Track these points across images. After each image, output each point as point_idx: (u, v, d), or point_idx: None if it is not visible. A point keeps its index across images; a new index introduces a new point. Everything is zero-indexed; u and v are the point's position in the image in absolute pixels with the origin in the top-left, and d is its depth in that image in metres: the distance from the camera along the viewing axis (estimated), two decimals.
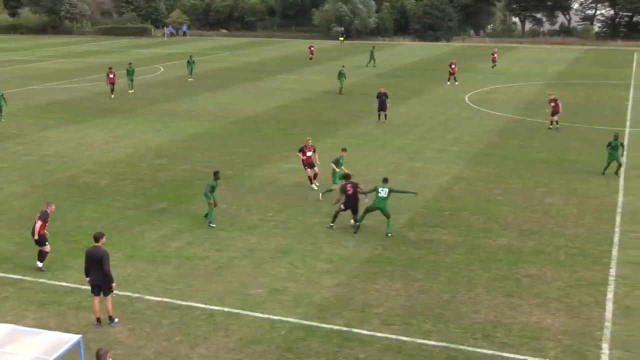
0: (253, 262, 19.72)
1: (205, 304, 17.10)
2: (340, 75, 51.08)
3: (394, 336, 15.58)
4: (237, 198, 25.70)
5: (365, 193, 22.46)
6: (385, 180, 22.40)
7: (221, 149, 33.37)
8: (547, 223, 23.10)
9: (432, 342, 15.32)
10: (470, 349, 15.06)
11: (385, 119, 39.77)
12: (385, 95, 39.80)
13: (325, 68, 67.87)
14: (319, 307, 17.00)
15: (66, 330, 14.58)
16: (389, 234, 21.82)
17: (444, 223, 23.10)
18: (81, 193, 26.38)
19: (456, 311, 16.81)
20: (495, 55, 68.90)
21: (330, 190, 25.30)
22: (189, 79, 59.02)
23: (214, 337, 15.54)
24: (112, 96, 48.43)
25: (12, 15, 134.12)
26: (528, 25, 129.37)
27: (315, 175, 27.07)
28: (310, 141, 27.21)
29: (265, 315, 16.53)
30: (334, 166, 25.96)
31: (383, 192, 21.94)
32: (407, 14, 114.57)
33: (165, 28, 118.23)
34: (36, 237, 18.83)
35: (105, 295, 15.88)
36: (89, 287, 16.14)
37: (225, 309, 16.81)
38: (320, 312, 16.74)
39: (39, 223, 18.79)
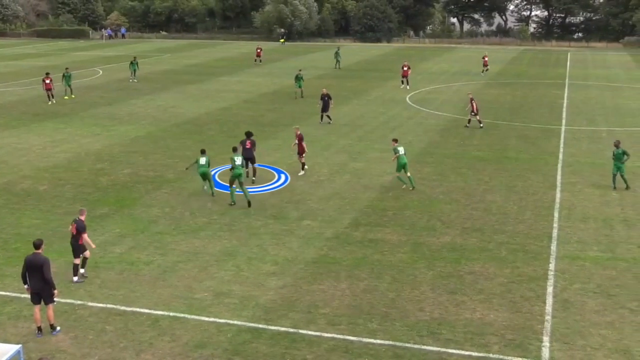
0: (198, 266, 19.56)
1: (150, 309, 16.88)
2: (298, 79, 50.27)
3: (340, 336, 15.65)
4: (181, 202, 25.44)
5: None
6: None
7: (163, 152, 32.98)
8: (488, 220, 23.54)
9: (378, 341, 15.44)
10: (416, 346, 15.24)
11: (330, 119, 39.93)
12: (328, 96, 39.96)
13: (267, 70, 67.77)
14: (265, 309, 16.96)
15: (5, 340, 14.23)
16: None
17: (388, 222, 23.31)
18: (19, 199, 25.73)
19: (402, 309, 16.98)
20: (486, 59, 66.13)
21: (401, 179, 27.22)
22: (132, 81, 58.44)
23: (159, 342, 15.35)
24: (50, 102, 46.97)
25: None
26: (466, 26, 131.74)
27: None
28: (298, 130, 29.54)
29: (212, 319, 16.41)
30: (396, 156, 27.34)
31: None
32: (348, 15, 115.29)
33: (103, 30, 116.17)
34: (93, 246, 18.52)
35: (47, 303, 15.52)
36: (28, 296, 15.76)
37: (171, 314, 16.63)
38: (266, 314, 16.70)
39: (85, 235, 18.24)
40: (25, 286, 15.55)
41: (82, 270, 18.70)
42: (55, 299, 15.69)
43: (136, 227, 22.68)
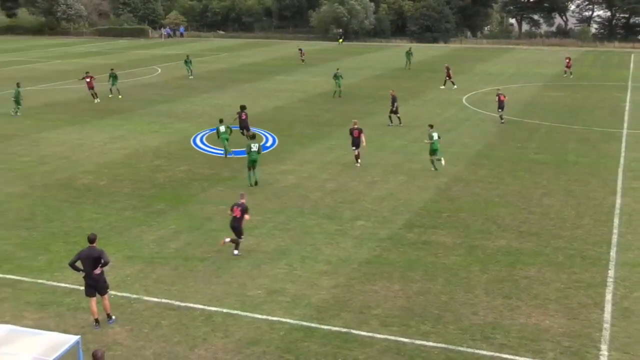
0: (252, 263, 19.71)
1: (204, 305, 17.09)
2: (336, 77, 50.51)
3: (392, 337, 15.58)
4: (236, 199, 25.57)
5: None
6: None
7: (220, 150, 33.32)
8: (545, 224, 23.12)
9: (430, 344, 15.32)
10: (469, 350, 15.07)
11: (400, 121, 39.31)
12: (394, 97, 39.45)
13: (323, 69, 67.90)
14: (317, 308, 16.99)
15: (65, 331, 14.57)
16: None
17: (442, 224, 23.11)
18: (80, 194, 26.36)
19: (455, 312, 16.81)
20: (569, 61, 64.25)
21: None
22: (190, 77, 59.83)
23: (212, 338, 15.52)
24: (96, 101, 47.33)
25: (9, 16, 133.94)
26: (525, 27, 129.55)
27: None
28: (356, 123, 30.36)
29: (264, 317, 16.52)
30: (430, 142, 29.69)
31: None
32: (405, 16, 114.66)
33: (162, 29, 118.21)
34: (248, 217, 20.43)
35: (102, 294, 15.91)
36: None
37: (224, 310, 16.80)
38: (318, 313, 16.73)
39: (247, 215, 20.26)
40: (81, 272, 15.88)
41: (236, 252, 20.29)
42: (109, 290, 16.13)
43: (191, 224, 22.98)
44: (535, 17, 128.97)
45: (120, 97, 49.78)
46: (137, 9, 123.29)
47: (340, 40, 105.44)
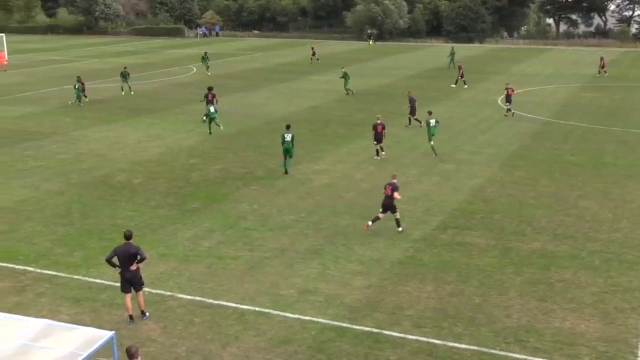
0: (284, 263, 19.76)
1: (237, 303, 17.18)
2: (344, 76, 51.21)
3: (425, 339, 15.50)
4: (269, 199, 25.77)
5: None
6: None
7: (254, 149, 33.50)
8: (581, 227, 22.80)
9: (463, 346, 15.21)
10: (502, 353, 14.92)
11: (420, 122, 39.27)
12: (414, 99, 39.27)
13: (357, 70, 67.79)
14: (350, 308, 16.98)
15: (100, 326, 14.74)
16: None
17: (476, 226, 22.93)
18: (115, 192, 26.68)
19: (488, 315, 16.67)
20: (603, 60, 64.48)
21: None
22: (208, 73, 61.64)
23: (245, 336, 15.60)
24: (86, 100, 46.58)
25: (50, 16, 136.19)
26: (563, 27, 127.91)
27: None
28: (379, 118, 31.67)
29: (296, 316, 16.55)
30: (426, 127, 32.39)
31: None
32: (440, 15, 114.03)
33: (198, 29, 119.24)
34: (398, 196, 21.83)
35: (137, 290, 16.09)
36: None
37: (257, 309, 16.87)
38: (351, 313, 16.71)
39: (396, 194, 21.82)
40: (117, 268, 16.08)
41: (400, 229, 22.00)
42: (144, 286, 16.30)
43: (225, 223, 23.12)
44: (574, 17, 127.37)
45: (132, 93, 50.32)
46: (173, 9, 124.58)
47: (372, 41, 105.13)
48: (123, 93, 50.47)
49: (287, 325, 16.08)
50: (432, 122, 31.85)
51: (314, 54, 76.32)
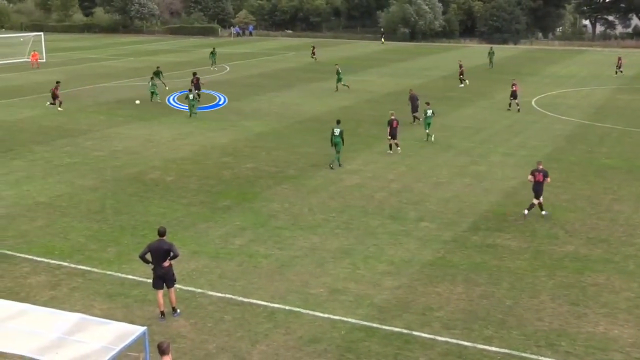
0: (315, 262, 19.81)
1: (267, 301, 17.26)
2: (337, 73, 53.04)
3: (454, 340, 15.43)
4: (300, 198, 25.84)
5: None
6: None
7: (285, 149, 33.62)
8: (615, 231, 22.51)
9: (493, 348, 15.11)
10: (533, 356, 14.80)
11: (417, 119, 39.30)
12: (415, 97, 39.98)
13: (391, 70, 67.69)
14: (379, 308, 16.97)
15: (132, 321, 14.91)
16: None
17: (508, 228, 22.75)
18: (148, 189, 26.97)
19: (519, 318, 16.53)
20: (621, 60, 64.74)
21: None
22: (214, 69, 64.59)
23: (274, 334, 15.67)
24: (59, 109, 43.89)
25: (87, 15, 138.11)
26: (599, 28, 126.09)
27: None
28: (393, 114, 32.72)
29: (326, 315, 16.58)
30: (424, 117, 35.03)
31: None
32: (474, 16, 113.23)
33: (231, 28, 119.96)
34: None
35: (169, 287, 16.25)
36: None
37: (287, 307, 16.94)
38: (380, 313, 16.70)
39: (548, 179, 23.27)
40: (150, 265, 16.26)
41: (544, 212, 23.40)
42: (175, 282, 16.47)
43: (256, 221, 23.24)
44: (610, 18, 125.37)
45: (167, 88, 50.92)
46: (207, 8, 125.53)
47: (383, 40, 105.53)
48: (167, 88, 50.93)
49: (317, 325, 16.12)
50: (429, 112, 34.83)
51: (313, 53, 77.09)
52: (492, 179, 28.45)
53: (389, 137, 32.55)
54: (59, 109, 43.62)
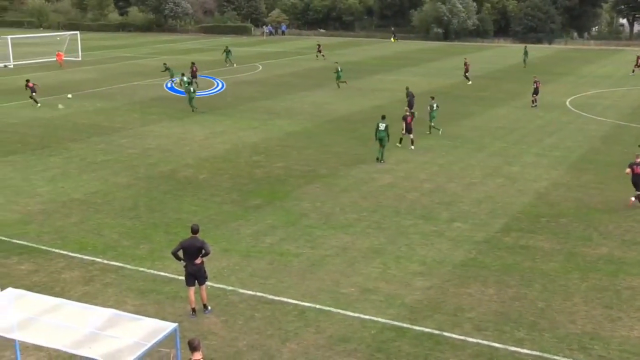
0: (346, 261, 19.80)
1: (298, 300, 17.29)
2: (337, 71, 54.06)
3: (486, 342, 15.32)
4: (332, 197, 25.85)
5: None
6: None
7: (317, 148, 33.66)
8: None
9: (525, 351, 14.97)
10: (565, 359, 14.63)
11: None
12: (411, 94, 41.03)
13: (424, 69, 67.38)
14: (410, 308, 16.91)
15: (163, 318, 15.04)
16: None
17: (541, 229, 22.51)
18: (181, 186, 27.19)
19: (551, 320, 16.35)
20: (639, 59, 63.91)
21: None
22: (228, 66, 65.99)
23: (304, 333, 15.70)
24: (38, 105, 44.48)
25: (122, 14, 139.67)
26: (637, 28, 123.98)
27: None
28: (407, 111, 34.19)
29: (357, 314, 16.57)
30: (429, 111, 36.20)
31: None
32: (508, 15, 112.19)
33: (264, 27, 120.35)
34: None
35: (201, 284, 16.36)
36: (183, 278, 16.60)
37: (317, 306, 16.95)
38: (411, 313, 16.64)
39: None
40: (182, 262, 16.37)
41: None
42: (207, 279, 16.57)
43: (287, 220, 23.30)
44: None
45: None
46: (240, 7, 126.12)
47: (393, 39, 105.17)
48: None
49: (347, 324, 16.12)
50: (434, 105, 35.98)
51: (319, 50, 77.35)
52: (525, 180, 28.17)
53: (404, 133, 33.32)
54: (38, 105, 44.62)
